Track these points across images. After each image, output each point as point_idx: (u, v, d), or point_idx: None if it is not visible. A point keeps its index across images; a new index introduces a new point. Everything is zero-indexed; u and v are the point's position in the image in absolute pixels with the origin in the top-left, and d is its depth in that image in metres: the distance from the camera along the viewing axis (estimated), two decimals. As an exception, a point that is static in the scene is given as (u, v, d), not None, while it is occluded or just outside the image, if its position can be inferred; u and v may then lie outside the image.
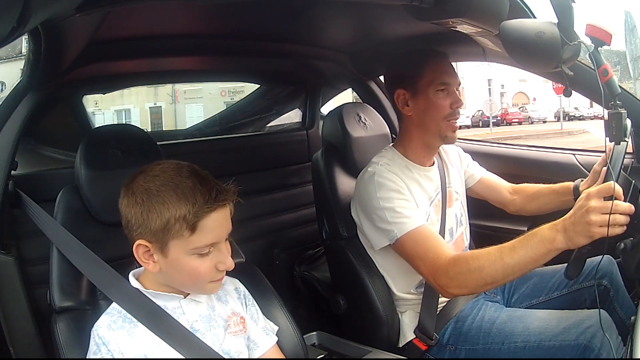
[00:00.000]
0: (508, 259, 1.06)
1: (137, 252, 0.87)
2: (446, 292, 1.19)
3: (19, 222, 1.25)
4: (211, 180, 0.86)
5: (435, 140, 1.39)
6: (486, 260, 1.10)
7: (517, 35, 1.01)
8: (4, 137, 1.21)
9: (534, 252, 1.03)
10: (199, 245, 0.85)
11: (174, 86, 15.56)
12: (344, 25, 1.67)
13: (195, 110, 15.78)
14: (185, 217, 0.82)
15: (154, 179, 0.85)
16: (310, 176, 1.68)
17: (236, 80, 2.48)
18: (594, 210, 0.93)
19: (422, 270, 1.23)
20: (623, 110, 1.03)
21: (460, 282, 1.14)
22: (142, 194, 0.84)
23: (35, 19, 0.68)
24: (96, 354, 0.85)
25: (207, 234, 0.84)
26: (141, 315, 0.88)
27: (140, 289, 0.91)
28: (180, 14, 1.37)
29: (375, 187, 1.29)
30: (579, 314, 1.18)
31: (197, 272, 0.86)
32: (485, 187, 1.60)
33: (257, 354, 0.99)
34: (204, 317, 0.93)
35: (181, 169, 0.86)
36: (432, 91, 1.33)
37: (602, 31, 1.01)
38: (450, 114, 1.34)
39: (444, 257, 1.18)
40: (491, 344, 1.23)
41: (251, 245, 1.70)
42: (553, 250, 1.01)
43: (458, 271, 1.14)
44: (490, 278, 1.10)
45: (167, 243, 0.84)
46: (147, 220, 0.83)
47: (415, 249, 1.23)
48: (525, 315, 1.23)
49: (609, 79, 1.03)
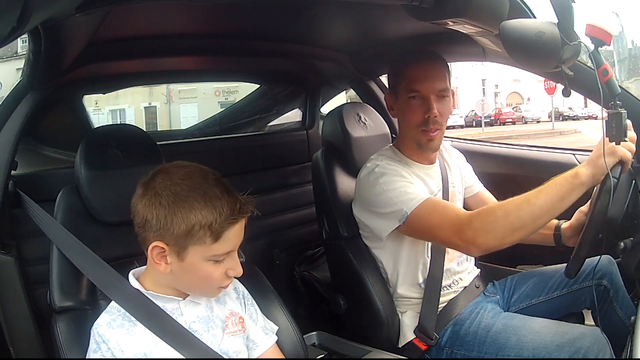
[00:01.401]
0: (534, 199, 1.06)
1: (152, 253, 0.86)
2: (474, 246, 1.13)
3: (19, 222, 1.25)
4: (233, 190, 0.87)
5: (416, 147, 1.37)
6: (512, 204, 1.09)
7: (517, 35, 1.01)
8: (4, 137, 1.21)
9: (559, 190, 1.05)
10: (218, 253, 0.86)
11: (169, 86, 15.58)
12: (344, 25, 1.67)
13: (189, 110, 15.65)
14: (211, 225, 0.82)
15: (181, 183, 0.84)
16: (310, 176, 1.68)
17: (236, 80, 2.48)
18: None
19: (443, 236, 1.19)
20: (623, 110, 1.04)
21: (488, 230, 1.10)
22: (168, 197, 0.83)
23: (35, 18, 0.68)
24: (96, 352, 0.86)
25: (227, 243, 0.85)
26: (140, 315, 0.88)
27: (140, 289, 0.91)
28: (180, 14, 1.37)
29: (376, 177, 1.29)
30: (574, 330, 1.18)
31: (210, 278, 0.88)
32: (480, 203, 1.56)
33: (256, 353, 1.00)
34: (201, 318, 0.93)
35: (206, 175, 0.86)
36: (405, 98, 1.32)
37: (602, 31, 1.01)
38: (423, 122, 1.30)
39: (463, 213, 1.17)
40: (485, 354, 1.23)
41: (251, 245, 1.69)
42: (577, 186, 1.04)
43: (484, 220, 1.11)
44: (518, 222, 1.07)
45: (186, 247, 0.84)
46: (171, 224, 0.83)
47: (431, 218, 1.19)
48: (520, 326, 1.22)
49: (609, 79, 1.03)
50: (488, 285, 1.47)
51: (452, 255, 1.40)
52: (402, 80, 1.34)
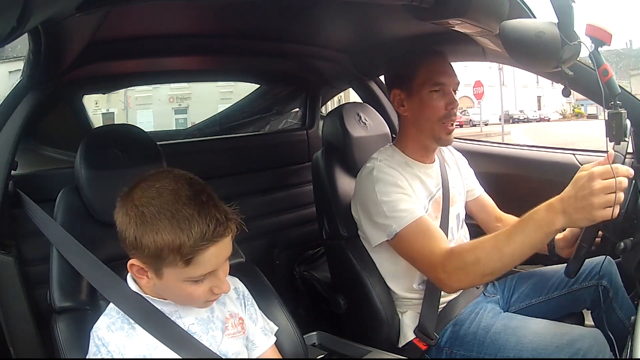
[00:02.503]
0: (505, 247, 1.04)
1: (131, 269, 0.85)
2: (446, 286, 1.19)
3: (19, 222, 1.25)
4: (212, 207, 0.80)
5: (430, 142, 1.37)
6: (482, 251, 1.09)
7: (517, 35, 1.01)
8: (4, 137, 1.21)
9: (532, 237, 1.01)
10: (194, 276, 0.82)
11: (127, 92, 16.34)
12: (344, 25, 1.67)
13: (145, 116, 17.08)
14: (180, 249, 0.77)
15: (149, 203, 0.79)
16: (310, 176, 1.68)
17: (236, 80, 2.48)
18: (599, 191, 0.90)
19: (420, 267, 1.24)
20: (623, 110, 1.03)
21: (459, 276, 1.13)
22: (135, 218, 0.80)
23: (35, 18, 0.68)
24: (96, 355, 0.86)
25: (203, 266, 0.81)
26: (138, 317, 0.88)
27: (139, 292, 0.91)
28: (181, 14, 1.37)
29: (373, 182, 1.29)
30: (574, 331, 1.17)
31: (192, 296, 0.85)
32: (480, 207, 1.57)
33: (255, 354, 0.99)
34: (201, 320, 0.93)
35: (179, 193, 0.80)
36: (426, 92, 1.31)
37: (602, 31, 1.01)
38: (445, 115, 1.31)
39: (439, 251, 1.17)
40: (484, 354, 1.23)
41: (251, 245, 1.70)
42: (552, 233, 1.00)
43: (455, 266, 1.13)
44: (489, 269, 1.08)
45: (160, 269, 0.82)
46: (141, 245, 0.80)
47: (413, 245, 1.22)
48: (520, 326, 1.22)
49: (609, 79, 1.03)
50: (488, 286, 1.47)
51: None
52: (422, 74, 1.32)
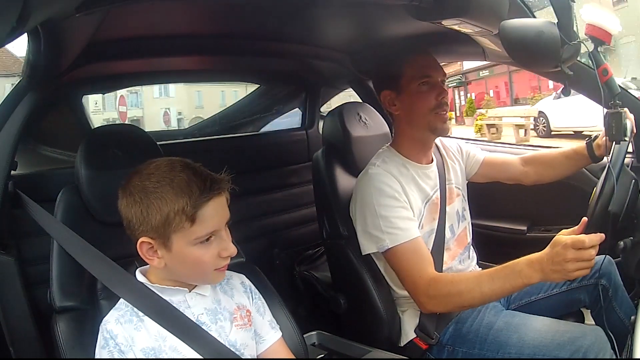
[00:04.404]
0: (486, 288, 1.13)
1: (142, 249, 0.88)
2: (424, 308, 1.26)
3: (19, 222, 1.25)
4: (204, 171, 0.89)
5: (427, 135, 1.38)
6: (465, 286, 1.17)
7: (517, 35, 1.02)
8: (3, 137, 1.21)
9: (511, 284, 1.11)
10: (200, 235, 0.86)
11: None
12: (344, 25, 1.67)
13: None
14: (184, 209, 0.84)
15: (149, 177, 0.87)
16: (310, 176, 1.67)
17: (236, 80, 2.48)
18: (572, 260, 1.00)
19: (403, 283, 1.29)
20: (623, 110, 1.04)
21: (439, 302, 1.21)
22: (139, 193, 0.86)
23: (35, 18, 0.68)
24: (104, 347, 0.87)
25: (206, 222, 0.86)
26: (148, 309, 0.89)
27: (146, 283, 0.92)
28: (180, 14, 1.37)
29: (372, 192, 1.30)
30: (575, 328, 1.18)
31: (201, 261, 0.88)
32: (491, 167, 1.58)
33: (263, 347, 1.01)
34: (209, 310, 0.94)
35: (174, 164, 0.88)
36: (415, 86, 1.34)
37: (601, 31, 1.01)
38: (437, 105, 1.34)
39: (426, 275, 1.23)
40: (486, 351, 1.23)
41: (251, 245, 1.70)
42: (528, 284, 1.10)
43: (437, 293, 1.20)
44: (468, 303, 1.20)
45: (169, 237, 0.86)
46: (148, 217, 0.85)
47: (402, 263, 1.27)
48: (521, 324, 1.23)
49: (609, 78, 1.03)
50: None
51: (454, 253, 1.41)
52: (408, 71, 1.35)
